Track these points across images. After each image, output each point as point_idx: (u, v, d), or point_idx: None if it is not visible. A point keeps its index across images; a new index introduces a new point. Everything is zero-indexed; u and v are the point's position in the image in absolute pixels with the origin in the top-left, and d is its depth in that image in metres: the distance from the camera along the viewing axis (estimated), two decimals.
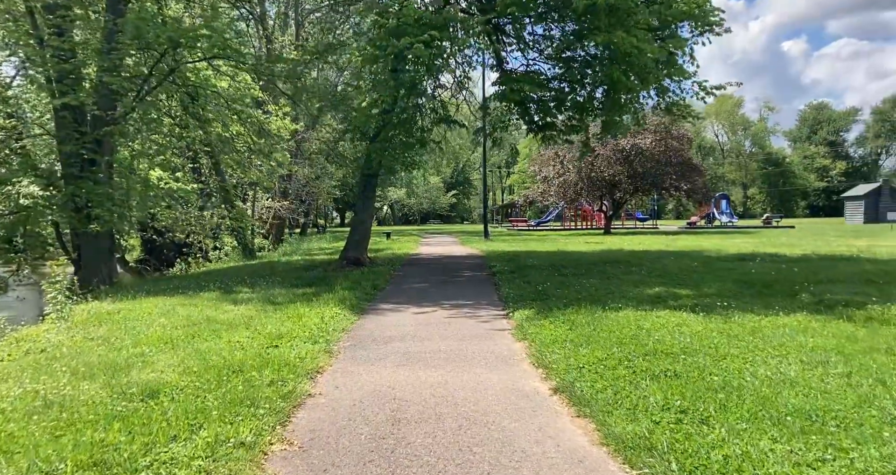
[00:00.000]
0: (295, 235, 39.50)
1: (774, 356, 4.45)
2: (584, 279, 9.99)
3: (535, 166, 33.40)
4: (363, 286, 10.57)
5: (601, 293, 8.39)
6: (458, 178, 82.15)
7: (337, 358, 5.94)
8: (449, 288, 10.76)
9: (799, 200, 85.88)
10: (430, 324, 7.49)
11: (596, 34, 9.02)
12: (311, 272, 13.38)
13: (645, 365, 4.53)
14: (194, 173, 25.61)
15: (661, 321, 6.15)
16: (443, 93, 13.07)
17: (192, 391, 4.63)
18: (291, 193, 33.69)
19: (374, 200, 15.97)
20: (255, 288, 10.95)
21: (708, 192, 33.68)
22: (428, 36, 9.14)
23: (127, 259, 33.23)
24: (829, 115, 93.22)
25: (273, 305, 8.87)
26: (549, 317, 6.95)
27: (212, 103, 18.71)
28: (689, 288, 8.53)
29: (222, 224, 24.62)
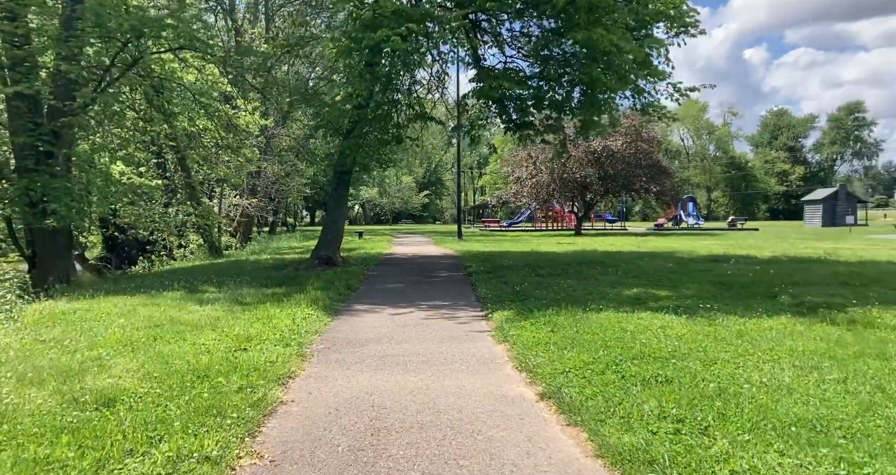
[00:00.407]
0: (263, 234, 38.66)
1: (766, 361, 4.35)
2: (562, 280, 9.87)
3: (509, 167, 33.39)
4: (336, 286, 10.24)
5: (580, 294, 8.26)
6: (431, 178, 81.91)
7: (310, 362, 5.64)
8: (425, 288, 10.52)
9: (760, 204, 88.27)
10: (408, 325, 7.23)
11: (576, 31, 8.90)
12: (281, 271, 12.95)
13: (634, 369, 4.37)
14: (159, 169, 24.77)
15: (644, 323, 6.02)
16: (419, 89, 12.81)
17: (153, 399, 4.29)
18: (260, 191, 32.94)
19: (348, 199, 15.61)
20: (222, 287, 10.51)
21: (677, 195, 34.21)
22: (405, 29, 8.87)
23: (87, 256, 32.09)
24: (788, 121, 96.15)
25: (241, 306, 8.49)
26: (529, 318, 6.77)
27: (178, 96, 18.09)
28: (668, 289, 8.47)
29: (188, 221, 23.84)
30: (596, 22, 9.15)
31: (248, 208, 30.21)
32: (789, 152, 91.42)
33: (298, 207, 65.98)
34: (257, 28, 22.11)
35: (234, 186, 30.70)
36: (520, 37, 11.43)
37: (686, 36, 11.49)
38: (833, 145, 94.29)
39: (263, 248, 24.47)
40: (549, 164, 29.97)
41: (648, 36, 11.12)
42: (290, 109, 19.21)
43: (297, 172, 38.86)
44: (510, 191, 32.66)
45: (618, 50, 9.16)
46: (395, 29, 8.93)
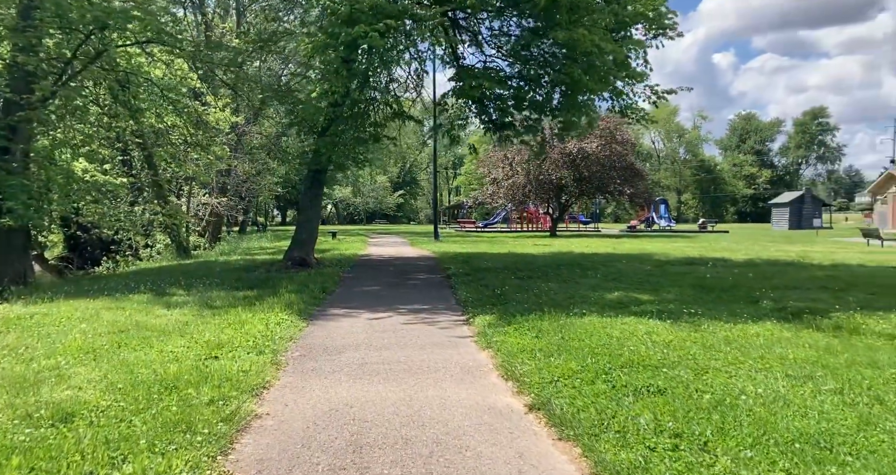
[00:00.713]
0: (233, 234, 37.85)
1: (758, 369, 4.25)
2: (542, 282, 9.75)
3: (485, 168, 33.33)
4: (311, 289, 9.94)
5: (562, 297, 8.14)
6: (406, 177, 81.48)
7: (285, 370, 5.38)
8: (403, 291, 10.29)
9: (729, 206, 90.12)
10: (387, 330, 7.01)
11: (557, 31, 8.80)
12: (253, 273, 12.57)
13: (625, 378, 4.23)
14: (125, 166, 23.96)
15: (630, 329, 5.92)
16: (396, 87, 12.58)
17: (116, 413, 3.99)
18: (230, 189, 32.19)
19: (322, 198, 15.27)
20: (191, 290, 10.11)
21: (650, 197, 34.63)
22: (383, 25, 8.64)
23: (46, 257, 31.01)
24: (756, 125, 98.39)
25: (211, 310, 8.14)
26: (512, 323, 6.61)
27: (145, 92, 17.48)
28: (649, 293, 8.42)
29: (154, 221, 23.10)
30: (577, 22, 9.07)
31: (217, 207, 29.46)
32: (756, 156, 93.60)
33: (269, 207, 64.92)
34: (228, 23, 21.57)
35: (204, 185, 29.94)
36: (500, 36, 11.30)
37: (664, 38, 11.51)
38: (798, 149, 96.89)
39: (233, 249, 23.88)
40: (525, 165, 30.00)
41: (627, 37, 11.10)
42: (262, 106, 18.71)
43: (269, 171, 38.13)
44: (486, 192, 32.61)
45: (599, 50, 9.09)
46: (372, 25, 8.70)
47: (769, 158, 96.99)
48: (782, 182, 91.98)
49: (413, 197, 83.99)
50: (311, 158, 12.18)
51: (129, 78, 15.70)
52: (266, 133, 34.56)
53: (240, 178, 33.47)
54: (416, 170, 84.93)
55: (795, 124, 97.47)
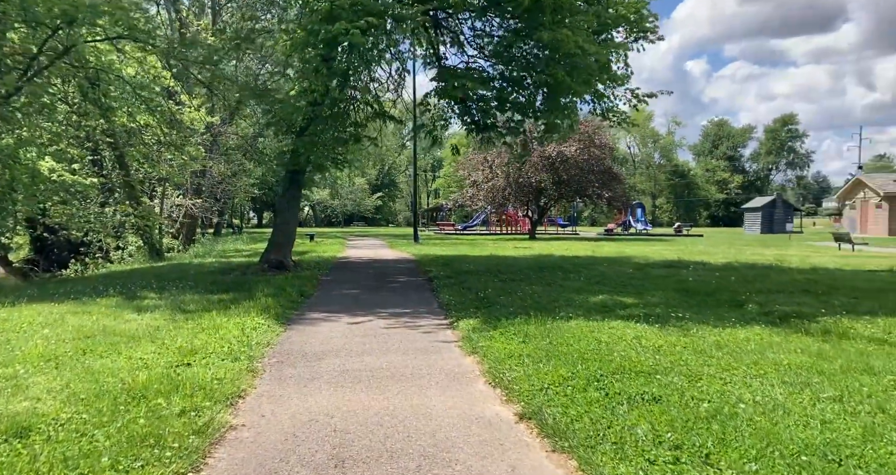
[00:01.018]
0: (208, 236, 37.07)
1: (753, 376, 4.15)
2: (525, 285, 9.62)
3: (465, 171, 33.24)
4: (288, 292, 9.65)
5: (546, 301, 8.01)
6: (384, 180, 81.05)
7: (262, 378, 5.13)
8: (384, 294, 10.06)
9: (702, 210, 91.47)
10: (368, 335, 6.78)
11: (541, 31, 8.70)
12: (228, 276, 12.21)
13: (618, 386, 4.09)
14: (95, 166, 23.27)
15: (618, 333, 5.80)
16: (377, 87, 12.34)
17: (77, 427, 3.71)
18: (205, 191, 31.54)
19: (300, 200, 14.94)
20: (163, 293, 9.75)
21: (628, 201, 34.92)
22: (365, 22, 8.44)
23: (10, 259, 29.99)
24: (728, 131, 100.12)
25: (184, 314, 7.82)
26: (497, 327, 6.45)
27: (116, 90, 16.97)
28: (633, 296, 8.34)
29: (126, 222, 22.45)
30: (560, 23, 8.99)
31: (191, 209, 28.83)
32: (729, 161, 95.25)
33: (245, 208, 63.93)
34: (203, 21, 21.11)
35: (178, 186, 29.29)
36: (482, 36, 11.16)
37: (645, 41, 11.49)
38: (769, 155, 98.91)
39: (208, 251, 23.34)
40: (505, 168, 29.97)
41: (609, 40, 11.06)
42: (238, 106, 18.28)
43: (245, 172, 37.50)
44: (466, 194, 32.50)
45: (582, 52, 9.01)
46: (353, 22, 8.49)
47: (741, 164, 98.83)
48: (753, 187, 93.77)
49: (391, 199, 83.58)
50: (289, 159, 11.88)
51: (98, 75, 15.20)
52: (242, 134, 33.99)
53: (215, 180, 32.82)
54: (395, 172, 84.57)
55: (766, 131, 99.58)
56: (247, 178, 37.73)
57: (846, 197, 41.43)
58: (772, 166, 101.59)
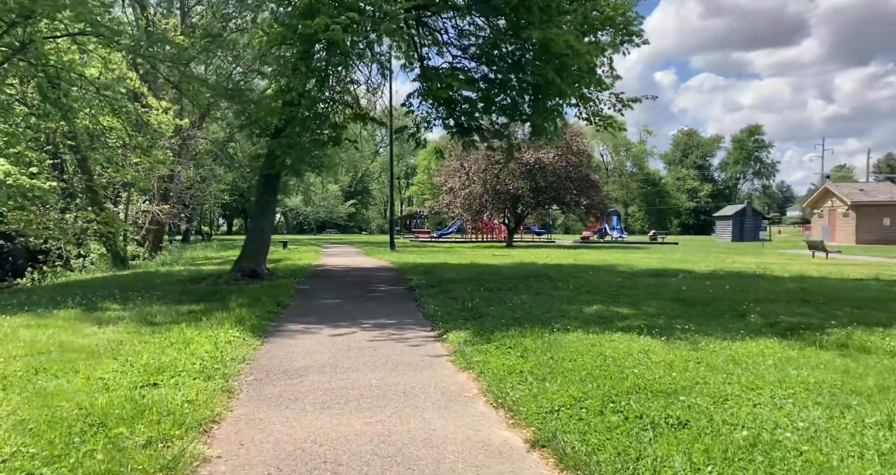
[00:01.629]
0: (176, 243, 35.92)
1: (783, 397, 3.81)
2: (513, 295, 9.26)
3: (441, 177, 32.89)
4: (264, 302, 9.11)
5: (539, 311, 7.65)
6: (357, 187, 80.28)
7: (239, 399, 4.64)
8: (365, 304, 9.58)
9: (673, 218, 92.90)
10: (352, 349, 6.32)
11: (531, 30, 8.41)
12: (199, 285, 11.58)
13: (636, 407, 3.73)
14: (55, 170, 22.23)
15: (622, 347, 5.45)
16: (356, 89, 11.89)
17: (23, 463, 3.20)
18: (173, 196, 30.53)
19: (275, 205, 14.36)
20: (128, 304, 9.10)
21: (606, 208, 35.00)
22: (346, 18, 8.02)
23: None
24: (697, 140, 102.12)
25: (151, 327, 7.24)
26: (491, 340, 6.05)
27: (79, 90, 16.16)
28: (628, 306, 8.04)
29: (88, 229, 21.44)
30: (549, 22, 8.72)
31: (158, 215, 27.80)
32: (698, 170, 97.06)
33: (215, 215, 62.45)
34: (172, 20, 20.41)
35: (144, 191, 28.28)
36: (468, 35, 10.82)
37: (630, 45, 11.30)
38: (736, 165, 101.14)
39: (176, 259, 22.47)
40: (482, 174, 29.74)
41: (595, 43, 10.84)
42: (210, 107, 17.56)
43: (215, 178, 36.53)
44: (443, 201, 32.13)
45: (572, 52, 8.76)
46: (334, 18, 8.06)
47: (710, 173, 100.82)
48: (722, 196, 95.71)
49: (364, 207, 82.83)
50: (264, 162, 11.34)
51: (59, 74, 14.39)
52: (213, 138, 33.10)
53: (183, 185, 31.84)
54: (368, 179, 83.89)
55: (733, 141, 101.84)
56: (217, 183, 36.76)
57: (814, 205, 42.36)
58: (739, 175, 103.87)
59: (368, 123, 11.58)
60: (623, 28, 10.80)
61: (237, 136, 28.67)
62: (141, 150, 17.25)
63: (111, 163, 19.77)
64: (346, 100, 11.40)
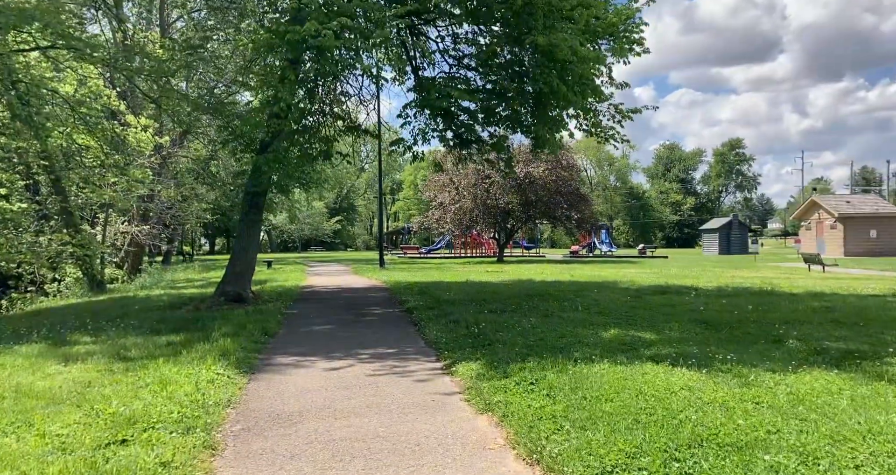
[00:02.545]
0: (156, 265, 34.79)
1: (888, 455, 3.16)
2: (520, 317, 8.62)
3: (430, 192, 32.31)
4: (250, 330, 8.37)
5: (552, 337, 7.03)
6: (342, 203, 79.44)
7: (223, 456, 3.93)
8: (360, 330, 8.88)
9: (657, 232, 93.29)
10: (351, 386, 5.63)
11: (536, 35, 7.92)
12: (179, 311, 10.79)
13: (708, 468, 3.09)
14: (28, 191, 21.30)
15: (660, 382, 4.83)
16: (348, 100, 11.28)
17: None
18: (153, 217, 29.58)
19: (261, 224, 13.62)
20: (100, 336, 8.31)
21: (597, 222, 34.64)
22: (337, 23, 7.46)
23: None
24: (679, 154, 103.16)
25: (124, 363, 6.49)
26: (508, 374, 5.40)
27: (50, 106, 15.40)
28: (648, 330, 7.43)
29: (63, 252, 20.47)
30: (551, 28, 8.25)
31: (137, 236, 26.83)
32: (681, 184, 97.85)
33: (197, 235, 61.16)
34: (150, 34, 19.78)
35: (123, 212, 27.35)
36: (467, 43, 10.30)
37: (631, 54, 10.85)
38: (718, 178, 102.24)
39: (156, 282, 21.53)
40: (472, 189, 29.24)
41: (597, 51, 10.38)
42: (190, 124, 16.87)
43: (197, 197, 35.64)
44: (433, 217, 31.52)
45: (577, 59, 8.28)
46: (324, 23, 7.50)
47: (692, 186, 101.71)
48: (705, 209, 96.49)
49: (350, 223, 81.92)
50: (250, 179, 10.65)
51: (29, 89, 13.60)
52: (195, 155, 32.29)
53: (164, 205, 30.93)
54: (354, 195, 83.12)
55: (715, 154, 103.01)
56: (198, 202, 35.83)
57: (801, 218, 42.48)
58: (722, 188, 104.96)
59: (361, 136, 10.94)
60: (624, 35, 10.37)
61: (220, 153, 27.92)
62: (118, 169, 16.46)
63: (87, 183, 18.95)
64: (337, 112, 10.79)
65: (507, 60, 9.67)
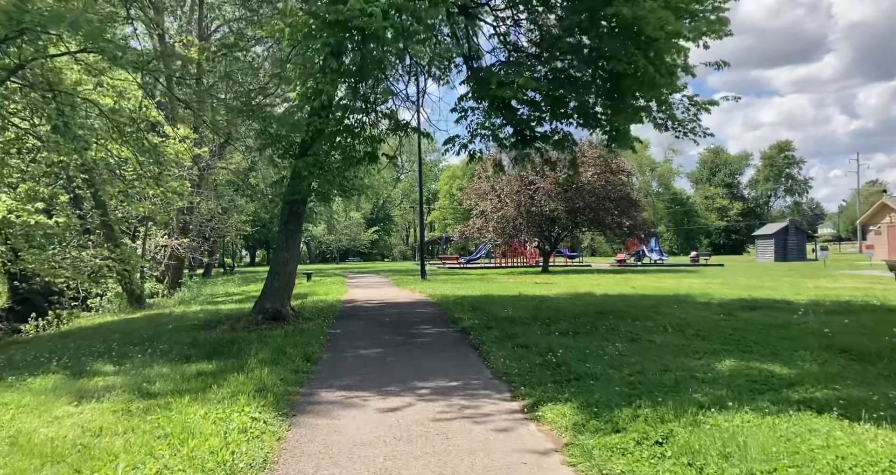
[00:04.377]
0: (197, 277, 34.68)
1: None
2: (601, 341, 7.34)
3: (471, 200, 31.11)
4: (290, 357, 7.35)
5: (655, 370, 5.74)
6: (379, 214, 79.18)
7: None
8: (414, 355, 7.74)
9: (702, 238, 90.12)
10: (414, 438, 4.48)
11: (617, 6, 6.70)
12: (214, 332, 9.87)
13: None
14: (73, 205, 21.19)
15: (851, 450, 3.46)
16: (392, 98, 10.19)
17: None
18: (193, 229, 29.36)
19: (301, 235, 12.69)
20: (124, 363, 7.42)
21: (649, 229, 32.78)
22: (387, 2, 6.43)
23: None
24: (725, 158, 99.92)
25: (145, 401, 5.52)
26: (618, 425, 4.17)
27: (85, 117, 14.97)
28: (773, 360, 6.03)
29: (104, 267, 20.15)
30: (632, 1, 6.99)
31: (177, 249, 26.55)
32: (727, 188, 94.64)
33: (237, 247, 61.54)
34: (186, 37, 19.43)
35: (165, 224, 27.19)
36: (531, 24, 9.08)
37: (713, 36, 9.34)
38: (767, 182, 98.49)
39: (194, 296, 20.98)
40: (514, 196, 27.92)
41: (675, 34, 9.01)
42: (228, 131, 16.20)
43: (236, 209, 35.46)
44: (474, 225, 30.28)
45: (665, 35, 7.03)
46: (371, 2, 6.47)
47: (739, 191, 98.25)
48: (753, 214, 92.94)
49: (387, 233, 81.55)
50: (289, 187, 9.71)
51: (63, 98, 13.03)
52: (233, 168, 32.08)
53: (204, 217, 30.73)
54: (390, 205, 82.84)
55: (763, 157, 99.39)
56: (238, 214, 35.62)
57: (869, 221, 39.66)
58: (770, 193, 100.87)
59: (409, 134, 9.84)
60: (712, 11, 8.97)
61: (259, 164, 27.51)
62: (153, 179, 15.90)
63: (127, 196, 18.55)
64: (382, 110, 9.77)
65: (578, 42, 8.40)
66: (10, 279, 27.08)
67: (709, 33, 7.98)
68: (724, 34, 9.45)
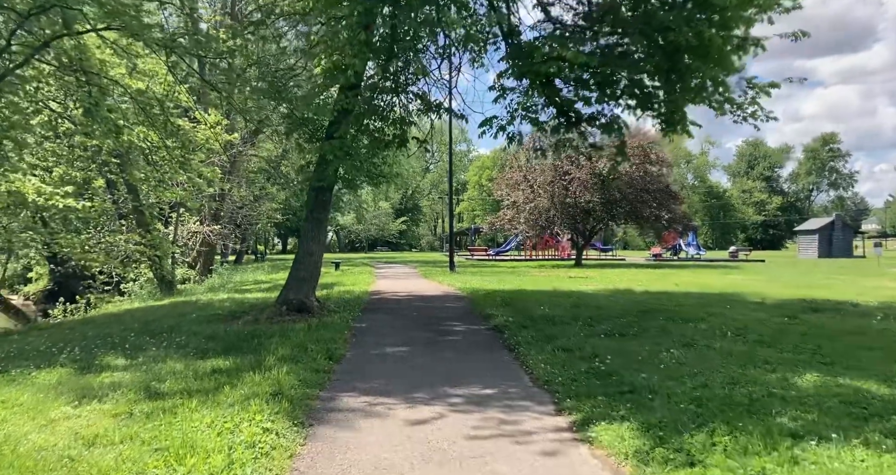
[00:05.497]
0: (228, 264, 34.75)
1: None
2: (652, 345, 6.60)
3: (502, 190, 30.26)
4: (311, 354, 6.81)
5: (721, 382, 5.00)
6: (407, 204, 78.85)
7: None
8: (445, 356, 7.12)
9: (739, 233, 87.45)
10: (447, 460, 3.86)
11: None
12: (235, 323, 9.43)
13: None
14: (108, 190, 21.27)
15: None
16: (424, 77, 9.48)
17: None
18: (224, 216, 29.32)
19: (327, 224, 12.17)
20: (137, 356, 6.99)
21: (689, 222, 31.46)
22: None
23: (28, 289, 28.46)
24: (764, 151, 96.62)
25: (151, 402, 5.03)
26: (694, 456, 3.47)
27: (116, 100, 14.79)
28: (866, 375, 5.18)
29: (136, 252, 20.15)
30: None
31: (209, 236, 26.50)
32: (766, 182, 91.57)
33: (269, 234, 61.93)
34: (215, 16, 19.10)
35: (197, 211, 27.18)
36: None
37: (777, 9, 8.31)
38: (809, 176, 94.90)
39: (223, 283, 20.78)
40: (548, 187, 27.00)
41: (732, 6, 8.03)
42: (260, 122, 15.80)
43: (267, 196, 35.35)
44: (505, 217, 29.48)
45: (733, 4, 6.16)
46: None
47: (779, 185, 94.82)
48: (794, 208, 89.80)
49: (415, 224, 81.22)
50: (315, 172, 9.14)
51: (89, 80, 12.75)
52: (264, 155, 31.93)
53: (235, 204, 30.68)
54: (418, 196, 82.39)
55: (805, 150, 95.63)
56: (269, 202, 35.53)
57: None
58: (812, 187, 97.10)
59: (441, 116, 9.18)
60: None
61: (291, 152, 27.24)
62: (179, 163, 15.62)
63: (160, 182, 18.43)
64: (413, 91, 9.11)
65: (634, 10, 7.50)
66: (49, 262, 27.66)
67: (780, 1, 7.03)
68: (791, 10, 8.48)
